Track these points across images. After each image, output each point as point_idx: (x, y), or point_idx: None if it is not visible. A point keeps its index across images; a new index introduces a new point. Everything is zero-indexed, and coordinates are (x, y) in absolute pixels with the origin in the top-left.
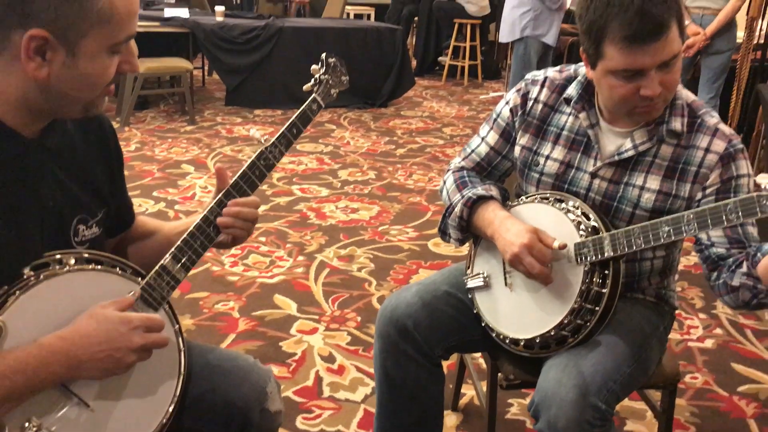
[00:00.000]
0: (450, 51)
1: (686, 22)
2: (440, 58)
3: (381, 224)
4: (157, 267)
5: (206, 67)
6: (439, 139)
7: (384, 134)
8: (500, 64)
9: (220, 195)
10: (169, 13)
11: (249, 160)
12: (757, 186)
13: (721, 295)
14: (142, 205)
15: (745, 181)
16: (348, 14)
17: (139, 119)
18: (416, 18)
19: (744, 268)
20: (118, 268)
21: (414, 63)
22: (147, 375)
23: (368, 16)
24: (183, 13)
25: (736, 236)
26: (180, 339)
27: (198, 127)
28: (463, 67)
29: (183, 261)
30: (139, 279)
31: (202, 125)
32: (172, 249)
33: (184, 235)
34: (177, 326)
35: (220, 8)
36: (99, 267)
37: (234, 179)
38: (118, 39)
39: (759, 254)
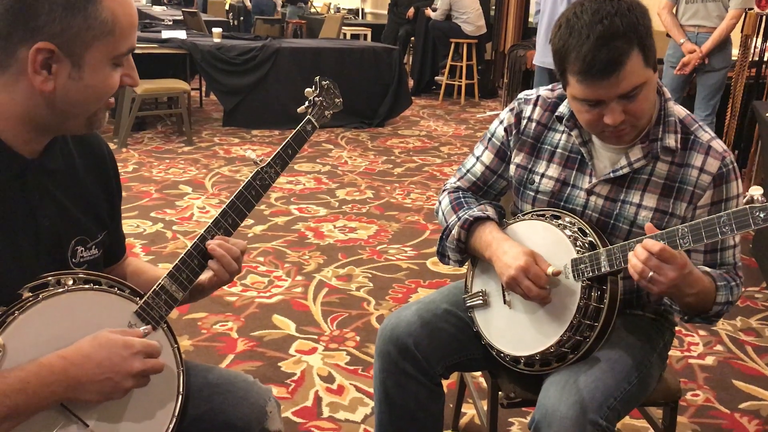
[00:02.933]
0: (447, 70)
1: (682, 40)
2: (437, 78)
3: (379, 243)
4: (155, 286)
5: (203, 88)
6: (436, 158)
7: (381, 153)
8: (497, 82)
9: (217, 215)
10: (166, 34)
11: (245, 180)
12: (750, 198)
13: None
14: (140, 226)
15: (734, 203)
16: (345, 35)
17: (136, 140)
18: (413, 38)
19: None
20: (116, 289)
21: (411, 82)
22: (147, 395)
23: (365, 37)
24: (180, 34)
25: (712, 262)
26: (179, 359)
27: (195, 148)
28: (459, 86)
29: (181, 281)
30: (137, 299)
31: (199, 146)
32: (170, 268)
33: (182, 255)
34: (176, 346)
35: (217, 30)
36: (97, 287)
37: (230, 199)
38: (120, 50)
39: None
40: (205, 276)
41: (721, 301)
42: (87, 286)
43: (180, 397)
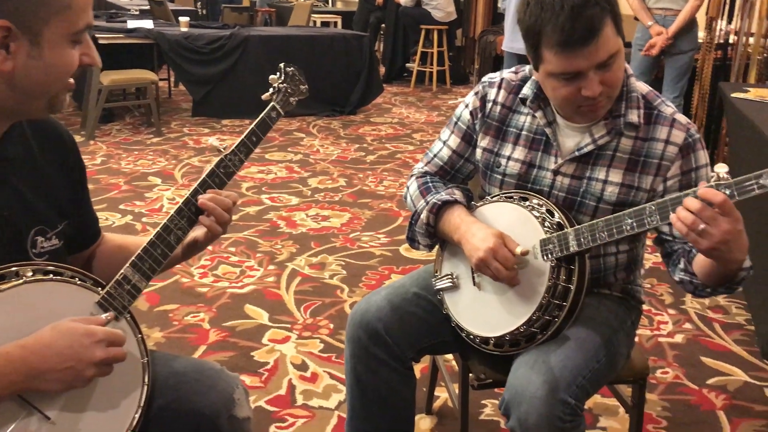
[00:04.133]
0: (418, 57)
1: (650, 23)
2: (408, 65)
3: (352, 231)
4: (117, 276)
5: (172, 78)
6: (409, 145)
7: (354, 141)
8: (468, 69)
9: (180, 203)
10: (132, 24)
11: (208, 168)
12: (716, 175)
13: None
14: (108, 219)
15: (704, 172)
16: (314, 22)
17: (104, 132)
18: (383, 25)
19: (682, 264)
20: (77, 279)
21: (382, 70)
22: (110, 386)
23: (335, 24)
24: (147, 24)
25: None
26: (143, 348)
27: (165, 139)
28: (431, 73)
29: (143, 270)
30: (99, 289)
31: (168, 137)
32: (132, 258)
33: (144, 244)
34: (139, 335)
35: (184, 19)
36: (57, 278)
37: (193, 188)
38: (78, 27)
39: (694, 250)
40: (199, 232)
41: (746, 266)
42: (47, 276)
43: (145, 386)
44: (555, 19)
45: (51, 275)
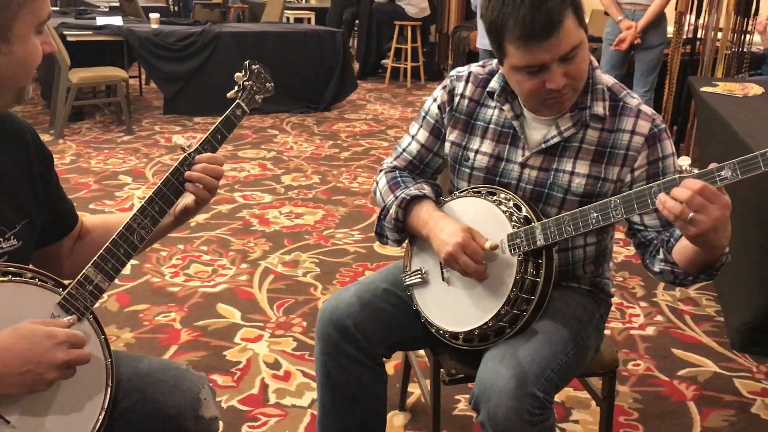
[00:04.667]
0: (392, 53)
1: (620, 17)
2: (383, 61)
3: (326, 228)
4: (78, 276)
5: (143, 76)
6: (383, 142)
7: (328, 138)
8: (442, 64)
9: (143, 202)
10: (101, 21)
11: (172, 166)
12: (679, 168)
13: (653, 276)
14: None
15: (670, 161)
16: (287, 19)
17: (74, 131)
18: (357, 21)
19: (661, 255)
20: (37, 280)
21: (356, 66)
22: (73, 388)
23: (308, 21)
24: (116, 21)
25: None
26: (106, 350)
27: (136, 137)
28: (405, 69)
29: (106, 270)
30: (61, 290)
31: (139, 135)
32: (95, 258)
33: (107, 244)
34: (102, 336)
35: (154, 15)
36: (17, 279)
37: (157, 186)
38: (42, 17)
39: (672, 240)
40: (189, 199)
41: (727, 251)
42: (6, 278)
43: (109, 388)
44: (516, 13)
45: (10, 276)
